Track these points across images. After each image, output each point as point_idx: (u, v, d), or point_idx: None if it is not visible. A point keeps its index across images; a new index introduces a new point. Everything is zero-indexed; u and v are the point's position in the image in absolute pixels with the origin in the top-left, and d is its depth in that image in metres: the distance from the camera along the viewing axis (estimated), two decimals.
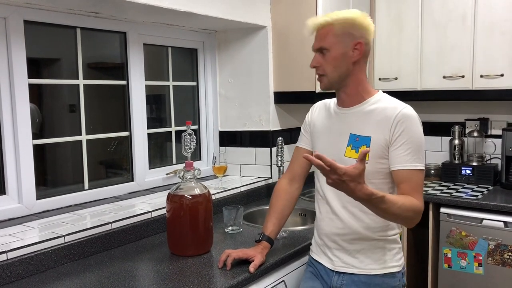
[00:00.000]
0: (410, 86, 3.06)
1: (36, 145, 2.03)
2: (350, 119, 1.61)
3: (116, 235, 1.92)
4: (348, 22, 1.55)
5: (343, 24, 1.54)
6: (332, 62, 1.56)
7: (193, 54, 2.88)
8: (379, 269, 1.60)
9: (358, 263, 1.61)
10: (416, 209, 1.48)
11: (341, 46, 1.55)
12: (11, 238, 1.70)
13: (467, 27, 2.84)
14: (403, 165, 1.50)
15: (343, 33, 1.54)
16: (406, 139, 1.50)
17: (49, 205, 2.07)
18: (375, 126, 1.55)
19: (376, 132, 1.54)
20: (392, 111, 1.54)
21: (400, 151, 1.51)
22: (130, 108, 2.43)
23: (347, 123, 1.61)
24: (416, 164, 1.51)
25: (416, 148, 1.51)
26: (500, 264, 2.52)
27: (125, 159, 2.48)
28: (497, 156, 3.06)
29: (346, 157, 1.57)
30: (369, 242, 1.60)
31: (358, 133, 1.57)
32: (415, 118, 1.54)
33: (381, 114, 1.55)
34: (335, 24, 1.54)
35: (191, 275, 1.61)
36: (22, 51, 1.94)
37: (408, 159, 1.50)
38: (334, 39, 1.54)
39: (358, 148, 1.55)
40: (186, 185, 1.81)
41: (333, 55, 1.55)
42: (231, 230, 2.11)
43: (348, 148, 1.58)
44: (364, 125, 1.57)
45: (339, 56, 1.55)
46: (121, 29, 2.36)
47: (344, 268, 1.63)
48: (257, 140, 2.84)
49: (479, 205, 2.58)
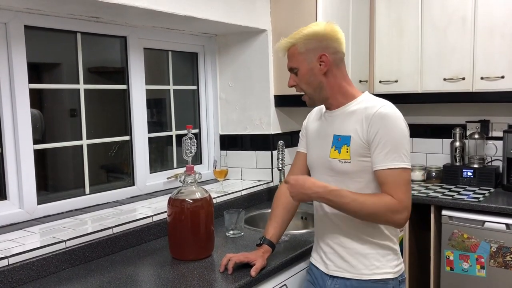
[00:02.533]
0: (411, 88, 3.06)
1: (37, 150, 2.03)
2: (335, 120, 1.63)
3: (117, 240, 1.92)
4: (309, 38, 1.58)
5: (304, 42, 1.58)
6: (303, 79, 1.61)
7: (193, 58, 2.89)
8: (370, 275, 1.57)
9: (350, 267, 1.60)
10: (389, 206, 1.46)
11: (307, 63, 1.59)
12: (12, 243, 1.70)
13: (467, 29, 2.84)
14: (382, 165, 1.49)
15: (306, 50, 1.58)
16: (382, 138, 1.48)
17: (50, 210, 2.07)
18: (354, 125, 1.56)
19: (355, 131, 1.55)
20: (370, 110, 1.53)
21: (378, 150, 1.50)
22: (130, 113, 2.43)
23: (332, 125, 1.63)
24: (395, 163, 1.48)
25: (394, 146, 1.48)
26: (503, 267, 2.51)
27: (126, 163, 2.48)
28: (498, 158, 3.06)
29: (331, 158, 1.59)
30: (362, 246, 1.58)
31: (340, 133, 1.59)
32: (392, 116, 1.51)
33: (362, 113, 1.55)
34: (297, 43, 1.59)
35: (192, 280, 1.61)
36: (22, 56, 1.94)
37: (387, 158, 1.48)
38: (299, 57, 1.59)
39: (340, 149, 1.57)
40: (187, 189, 1.81)
41: (302, 73, 1.60)
42: (233, 234, 2.10)
43: (332, 149, 1.59)
44: (346, 125, 1.58)
45: (307, 72, 1.59)
46: (121, 33, 2.37)
47: (337, 272, 1.62)
48: (258, 144, 2.84)
49: (481, 208, 2.57)
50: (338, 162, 1.57)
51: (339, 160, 1.56)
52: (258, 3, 2.66)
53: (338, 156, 1.57)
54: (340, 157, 1.56)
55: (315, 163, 1.70)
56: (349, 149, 1.55)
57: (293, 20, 2.68)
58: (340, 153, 1.56)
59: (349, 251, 1.60)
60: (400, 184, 1.48)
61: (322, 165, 1.64)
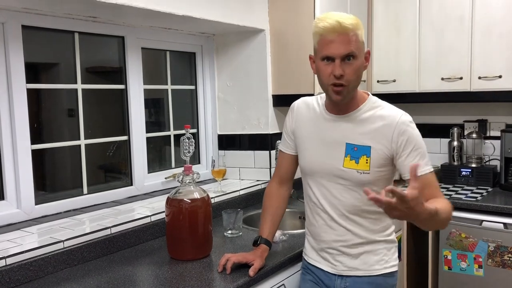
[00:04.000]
0: (409, 88, 3.06)
1: (35, 149, 2.03)
2: (345, 127, 1.56)
3: (115, 240, 1.91)
4: (363, 29, 1.48)
5: (362, 31, 1.47)
6: (357, 71, 1.47)
7: (191, 58, 2.88)
8: (381, 269, 1.61)
9: (361, 265, 1.61)
10: (450, 211, 1.46)
11: (363, 54, 1.49)
12: (10, 243, 1.70)
13: (465, 29, 2.84)
14: (422, 170, 1.46)
15: (362, 40, 1.48)
16: (413, 146, 1.49)
17: (48, 210, 2.06)
18: (373, 134, 1.51)
19: (375, 141, 1.51)
20: (390, 119, 1.51)
21: (411, 158, 1.48)
22: (128, 112, 2.43)
23: (341, 132, 1.56)
24: (429, 167, 1.50)
25: (423, 152, 1.51)
26: (500, 266, 2.52)
27: (124, 163, 2.48)
28: (496, 157, 3.06)
29: (345, 167, 1.54)
30: (371, 244, 1.60)
31: (355, 142, 1.53)
32: (412, 123, 1.53)
33: (378, 122, 1.52)
34: (358, 29, 1.45)
35: (190, 280, 1.61)
36: (20, 56, 1.94)
37: (423, 163, 1.48)
38: (360, 46, 1.47)
39: (358, 159, 1.52)
40: (185, 189, 1.81)
41: (359, 63, 1.47)
42: (231, 234, 2.10)
43: (346, 158, 1.54)
44: (361, 134, 1.53)
45: (361, 65, 1.49)
46: (119, 33, 2.36)
47: (347, 271, 1.62)
48: (256, 143, 2.84)
49: (479, 207, 2.58)
50: (356, 172, 1.52)
51: (357, 171, 1.52)
52: (256, 3, 2.66)
53: (355, 167, 1.52)
54: (358, 168, 1.52)
55: (317, 169, 1.61)
56: (369, 160, 1.51)
57: (291, 20, 2.69)
58: (358, 164, 1.52)
59: (360, 250, 1.60)
60: (438, 186, 1.52)
61: (328, 173, 1.58)
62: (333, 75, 1.44)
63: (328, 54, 1.44)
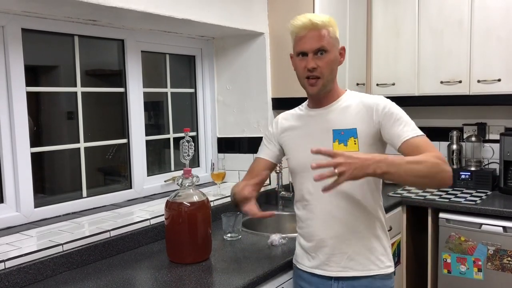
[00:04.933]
0: (408, 91, 3.07)
1: (34, 153, 2.03)
2: (329, 116, 1.63)
3: (114, 243, 1.91)
4: (335, 26, 1.60)
5: (334, 28, 1.58)
6: (329, 64, 1.57)
7: (191, 61, 2.89)
8: (377, 270, 1.60)
9: (357, 265, 1.60)
10: (439, 156, 1.43)
11: (335, 50, 1.59)
12: (9, 247, 1.70)
13: (464, 32, 2.85)
14: (408, 135, 1.50)
15: (334, 36, 1.59)
16: (394, 116, 1.53)
17: (47, 213, 2.06)
18: (356, 117, 1.58)
19: (359, 123, 1.57)
20: (369, 101, 1.59)
21: (396, 127, 1.52)
22: (128, 115, 2.43)
23: (326, 122, 1.63)
24: (416, 131, 1.52)
25: (406, 120, 1.54)
26: (500, 269, 2.52)
27: (123, 166, 2.48)
28: (495, 161, 3.07)
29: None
30: (367, 241, 1.60)
31: (341, 127, 1.59)
32: (391, 102, 1.59)
33: (359, 105, 1.60)
34: (329, 27, 1.57)
35: (190, 283, 1.61)
36: (20, 59, 1.94)
37: (407, 129, 1.51)
38: (331, 41, 1.57)
39: (346, 141, 1.58)
40: (185, 192, 1.81)
41: (331, 57, 1.57)
42: (230, 237, 2.10)
43: (334, 143, 1.59)
44: (345, 119, 1.60)
45: (334, 59, 1.58)
46: (119, 36, 2.37)
47: (342, 271, 1.61)
48: (255, 147, 2.78)
49: (478, 210, 2.58)
50: None
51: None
52: (256, 6, 2.67)
53: (344, 149, 1.56)
54: (347, 150, 1.55)
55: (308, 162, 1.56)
56: (357, 141, 1.56)
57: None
58: (347, 146, 1.57)
59: (354, 247, 1.59)
60: (431, 145, 1.50)
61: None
62: (306, 69, 1.56)
63: (301, 49, 1.57)
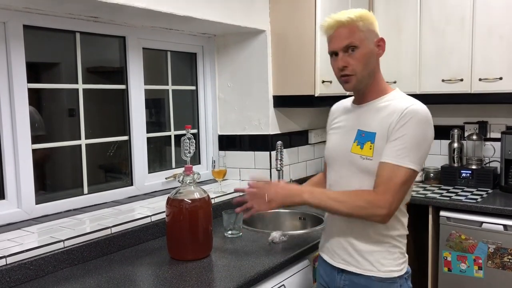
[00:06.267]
0: (409, 89, 3.05)
1: (36, 149, 2.03)
2: (361, 115, 1.59)
3: (115, 240, 1.91)
4: (368, 19, 1.53)
5: (365, 21, 1.52)
6: (362, 60, 1.52)
7: (192, 58, 2.89)
8: (374, 271, 1.55)
9: (356, 262, 1.58)
10: (369, 200, 1.44)
11: (368, 43, 1.53)
12: (10, 243, 1.70)
13: (466, 30, 2.84)
14: (387, 158, 1.45)
15: (367, 29, 1.53)
16: (403, 134, 1.45)
17: (48, 210, 2.06)
18: (381, 121, 1.51)
19: (381, 128, 1.51)
20: (400, 106, 1.49)
21: (393, 144, 1.46)
22: (129, 112, 2.43)
23: (357, 119, 1.60)
24: (402, 161, 1.43)
25: (410, 145, 1.44)
26: (500, 268, 2.52)
27: (124, 163, 2.48)
28: (496, 159, 3.06)
29: (352, 153, 1.55)
30: (369, 243, 1.56)
31: (364, 129, 1.55)
32: (422, 116, 1.47)
33: (391, 109, 1.51)
34: (358, 21, 1.51)
35: (190, 280, 1.61)
36: (21, 56, 1.94)
37: (397, 154, 1.44)
38: (361, 35, 1.51)
39: (363, 144, 1.53)
40: (186, 189, 1.81)
41: (363, 52, 1.51)
42: (231, 234, 2.10)
43: (354, 143, 1.56)
44: (372, 120, 1.54)
45: (368, 53, 1.52)
46: (120, 33, 2.36)
47: (344, 265, 1.60)
48: (256, 144, 2.84)
49: (479, 209, 2.58)
50: (359, 158, 1.53)
51: (360, 156, 1.53)
52: (257, 3, 2.67)
53: (360, 152, 1.53)
54: (362, 153, 1.53)
55: (333, 155, 1.65)
56: (372, 146, 1.51)
57: (292, 21, 2.69)
58: (362, 149, 1.53)
59: (355, 247, 1.58)
60: (393, 182, 1.43)
61: (340, 159, 1.61)
62: (338, 68, 1.54)
63: (331, 49, 1.56)
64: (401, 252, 1.59)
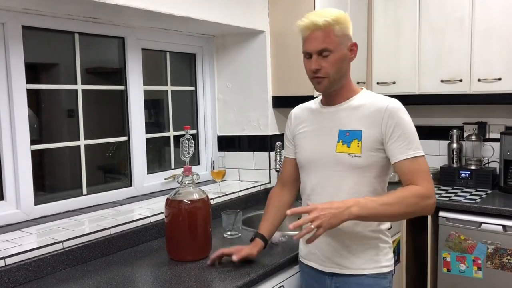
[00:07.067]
0: (408, 90, 3.06)
1: (34, 150, 2.03)
2: (339, 115, 1.62)
3: (114, 241, 1.91)
4: (344, 23, 1.56)
5: (341, 25, 1.54)
6: (335, 64, 1.55)
7: (191, 59, 2.89)
8: (370, 269, 1.59)
9: (349, 263, 1.59)
10: (419, 194, 1.48)
11: (342, 47, 1.56)
12: (9, 244, 1.70)
13: (465, 31, 2.85)
14: (405, 155, 1.51)
15: (342, 34, 1.55)
16: (401, 131, 1.52)
17: (47, 211, 2.06)
18: (364, 120, 1.56)
19: (366, 126, 1.56)
20: (380, 104, 1.56)
21: (397, 143, 1.52)
22: (128, 113, 2.43)
23: (335, 120, 1.62)
24: (414, 152, 1.52)
25: (411, 137, 1.53)
26: (499, 268, 2.52)
27: (123, 164, 2.48)
28: (495, 159, 3.06)
29: (338, 152, 1.58)
30: (361, 242, 1.59)
31: (347, 128, 1.58)
32: (403, 110, 1.57)
33: (370, 108, 1.57)
34: (335, 25, 1.53)
35: (190, 281, 1.61)
36: (20, 57, 1.94)
37: (407, 149, 1.51)
38: (337, 40, 1.54)
39: (350, 143, 1.57)
40: (185, 190, 1.81)
41: (337, 56, 1.55)
42: (230, 235, 2.10)
43: (339, 144, 1.58)
44: (353, 120, 1.58)
45: (341, 57, 1.56)
46: (119, 34, 2.36)
47: (336, 268, 1.61)
48: (255, 145, 2.84)
49: (478, 209, 2.58)
50: (348, 156, 1.56)
51: (348, 154, 1.56)
52: (256, 4, 2.67)
53: (347, 150, 1.56)
54: (349, 151, 1.56)
55: (313, 160, 1.65)
56: (360, 144, 1.55)
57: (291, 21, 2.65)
58: (350, 147, 1.56)
59: (348, 248, 1.59)
60: (422, 170, 1.52)
61: (323, 161, 1.62)
62: (311, 70, 1.57)
63: (305, 50, 1.58)
64: (390, 247, 1.65)
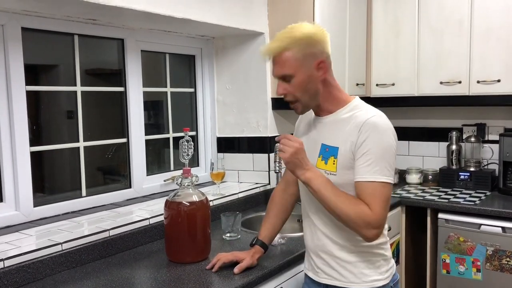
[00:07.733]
0: (407, 91, 3.07)
1: (34, 151, 2.03)
2: (324, 128, 1.55)
3: (113, 242, 1.91)
4: (304, 42, 1.45)
5: (299, 46, 1.44)
6: (300, 87, 1.47)
7: (190, 61, 2.89)
8: (358, 283, 1.52)
9: (339, 276, 1.55)
10: (365, 217, 1.38)
11: (305, 69, 1.46)
12: (8, 245, 1.70)
13: (464, 32, 2.85)
14: (362, 177, 1.40)
15: (303, 55, 1.45)
16: (368, 149, 1.40)
17: (46, 212, 2.06)
18: (343, 135, 1.47)
19: (344, 142, 1.46)
20: (360, 118, 1.44)
21: (361, 161, 1.41)
22: (127, 115, 2.43)
23: (321, 132, 1.55)
24: (376, 176, 1.39)
25: (378, 158, 1.39)
26: (499, 270, 2.52)
27: (122, 165, 2.48)
28: (494, 161, 3.07)
29: (317, 167, 1.51)
30: (350, 254, 1.52)
31: (328, 143, 1.51)
32: (382, 127, 1.42)
33: (350, 122, 1.46)
34: (292, 48, 1.44)
35: (189, 283, 1.61)
36: (19, 58, 1.94)
37: (368, 170, 1.40)
38: (295, 63, 1.45)
39: (327, 159, 1.49)
40: (184, 191, 1.81)
41: (299, 80, 1.46)
42: (229, 237, 2.10)
43: (319, 158, 1.52)
44: (335, 134, 1.50)
45: (305, 80, 1.46)
46: (118, 35, 2.36)
47: (328, 280, 1.57)
48: (255, 146, 2.84)
49: (477, 211, 2.58)
50: (324, 173, 1.48)
51: (324, 171, 1.48)
52: (256, 6, 2.67)
53: (324, 167, 1.49)
54: (326, 168, 1.49)
55: None
56: (336, 161, 1.47)
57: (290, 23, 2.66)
58: (326, 164, 1.49)
59: (337, 260, 1.54)
60: (377, 197, 1.39)
61: None
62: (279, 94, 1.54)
63: (272, 74, 1.55)
64: (384, 259, 1.55)
